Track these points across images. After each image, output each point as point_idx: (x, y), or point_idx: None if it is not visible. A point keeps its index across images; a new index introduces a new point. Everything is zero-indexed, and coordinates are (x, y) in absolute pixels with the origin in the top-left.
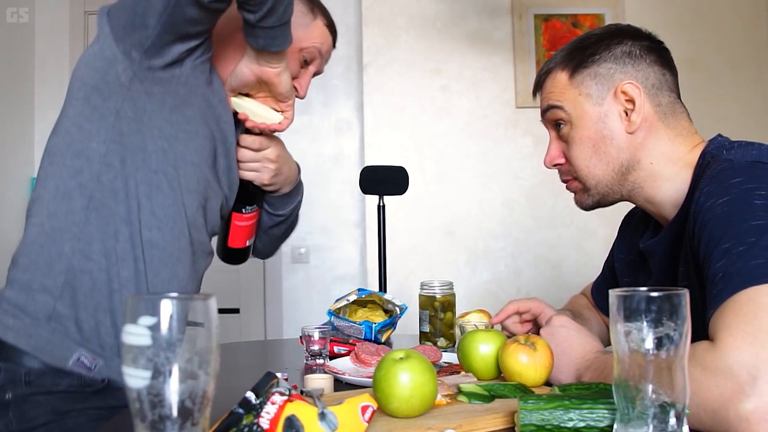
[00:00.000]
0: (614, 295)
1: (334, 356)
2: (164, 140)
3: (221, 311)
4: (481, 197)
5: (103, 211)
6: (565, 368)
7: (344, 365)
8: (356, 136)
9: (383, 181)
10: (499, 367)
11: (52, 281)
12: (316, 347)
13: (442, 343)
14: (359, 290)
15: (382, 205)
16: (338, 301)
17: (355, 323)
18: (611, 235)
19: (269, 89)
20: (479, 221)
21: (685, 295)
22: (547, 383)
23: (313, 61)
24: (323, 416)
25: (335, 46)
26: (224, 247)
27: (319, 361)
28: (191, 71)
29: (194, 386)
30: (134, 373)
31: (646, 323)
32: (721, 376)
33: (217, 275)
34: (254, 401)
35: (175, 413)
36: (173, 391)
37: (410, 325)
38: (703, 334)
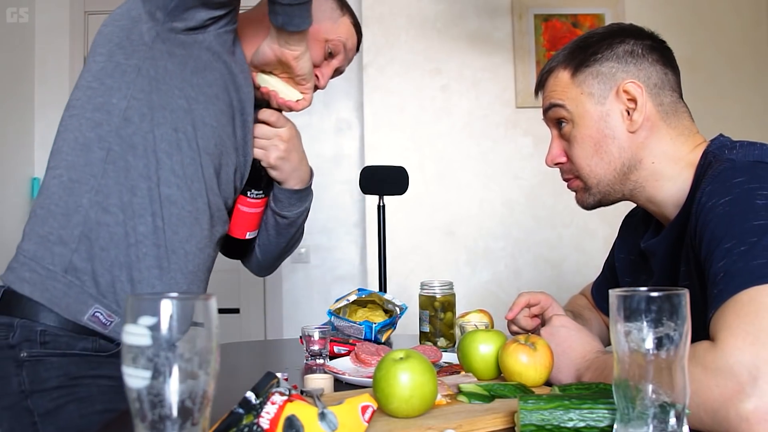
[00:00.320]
0: (614, 295)
1: (334, 356)
2: (184, 100)
3: (221, 311)
4: (481, 197)
5: (120, 164)
6: (565, 368)
7: (344, 365)
8: (356, 136)
9: (383, 181)
10: (499, 367)
11: (68, 233)
12: (316, 347)
13: (442, 343)
14: (359, 290)
15: (382, 205)
16: (338, 301)
17: (355, 323)
18: (611, 235)
19: (288, 71)
20: (479, 221)
21: (685, 295)
22: (547, 383)
23: (337, 55)
24: (323, 416)
25: (359, 49)
26: (225, 235)
27: (319, 361)
28: (214, 38)
29: (194, 386)
30: (134, 373)
31: (646, 323)
32: (721, 376)
33: (217, 275)
34: (254, 401)
35: (175, 413)
36: (173, 391)
37: (410, 325)
38: (704, 334)
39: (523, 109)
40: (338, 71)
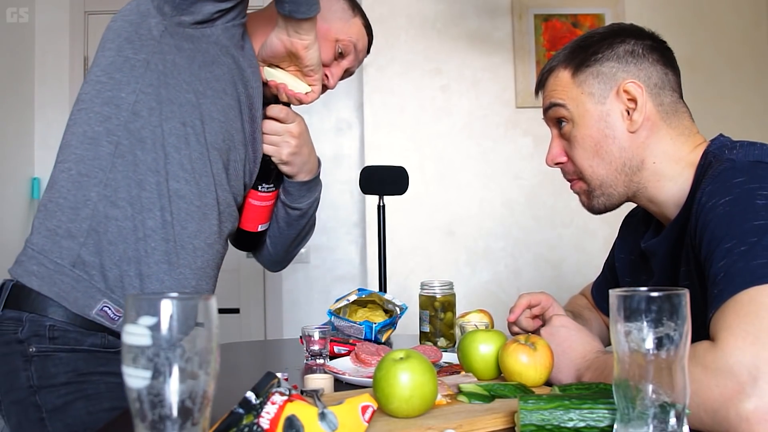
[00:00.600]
0: (614, 295)
1: (334, 356)
2: (192, 94)
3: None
4: (481, 197)
5: (129, 158)
6: (565, 368)
7: (344, 365)
8: (356, 136)
9: (383, 181)
10: (499, 367)
11: (77, 227)
12: (316, 347)
13: (442, 343)
14: (359, 290)
15: (382, 205)
16: (338, 301)
17: (355, 323)
18: (611, 235)
19: (297, 62)
20: (479, 221)
21: (685, 295)
22: (547, 383)
23: (347, 55)
24: (323, 416)
25: (370, 51)
26: (236, 228)
27: (319, 361)
28: (222, 32)
29: (194, 386)
30: (134, 373)
31: (646, 323)
32: (721, 376)
33: None
34: (254, 401)
35: (175, 413)
36: (173, 391)
37: (410, 325)
38: (704, 334)
39: (523, 109)
40: (348, 72)
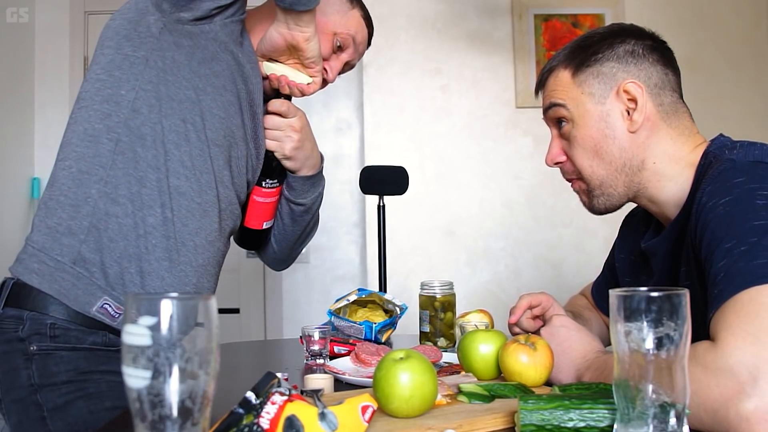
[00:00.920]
0: (614, 295)
1: (334, 356)
2: (192, 91)
3: (221, 311)
4: (481, 197)
5: (129, 155)
6: (565, 368)
7: (344, 365)
8: (356, 136)
9: (383, 181)
10: (499, 367)
11: (77, 224)
12: (316, 347)
13: (442, 343)
14: (359, 290)
15: (382, 205)
16: (338, 301)
17: (355, 323)
18: (611, 235)
19: (298, 55)
20: (479, 221)
21: (685, 295)
22: (547, 383)
23: (346, 48)
24: (323, 416)
25: (371, 43)
26: (240, 226)
27: (319, 361)
28: (221, 28)
29: (194, 386)
30: (134, 373)
31: (646, 323)
32: (721, 376)
33: None
34: (254, 401)
35: (175, 413)
36: (173, 391)
37: (410, 325)
38: (704, 334)
39: (523, 109)
40: (349, 65)
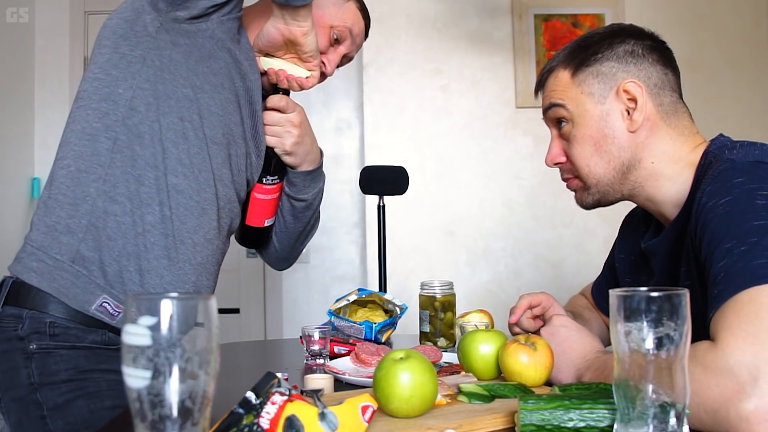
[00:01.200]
0: (614, 295)
1: (334, 356)
2: (189, 89)
3: (221, 311)
4: (481, 197)
5: (127, 153)
6: (565, 368)
7: (344, 365)
8: (356, 136)
9: (383, 181)
10: (499, 367)
11: (76, 222)
12: (316, 347)
13: (442, 343)
14: (359, 290)
15: (382, 205)
16: (338, 301)
17: (355, 323)
18: (611, 235)
19: (295, 50)
20: (479, 221)
21: (685, 295)
22: (547, 383)
23: (343, 41)
24: (323, 416)
25: (368, 34)
26: (241, 225)
27: (319, 361)
28: (218, 26)
29: (194, 386)
30: (134, 373)
31: (646, 323)
32: (721, 376)
33: None
34: (254, 401)
35: (175, 413)
36: (173, 391)
37: (410, 325)
38: (704, 334)
39: (523, 109)
40: (347, 58)
